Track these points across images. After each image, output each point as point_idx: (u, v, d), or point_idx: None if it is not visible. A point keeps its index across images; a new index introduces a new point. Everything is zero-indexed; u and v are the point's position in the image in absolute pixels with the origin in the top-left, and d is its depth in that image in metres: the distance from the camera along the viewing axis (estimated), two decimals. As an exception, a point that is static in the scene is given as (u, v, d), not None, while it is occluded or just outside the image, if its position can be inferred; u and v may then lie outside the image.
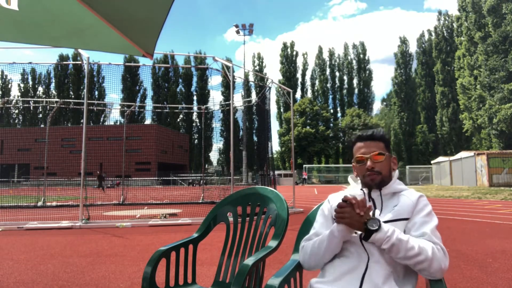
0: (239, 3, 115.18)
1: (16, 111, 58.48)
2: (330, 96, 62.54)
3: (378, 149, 1.50)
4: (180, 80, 62.20)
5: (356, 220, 1.32)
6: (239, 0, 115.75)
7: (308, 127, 53.84)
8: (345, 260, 1.41)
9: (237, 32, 44.94)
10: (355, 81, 62.53)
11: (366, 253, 1.38)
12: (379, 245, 1.31)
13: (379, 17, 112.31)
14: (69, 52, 53.41)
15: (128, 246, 5.48)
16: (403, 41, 58.70)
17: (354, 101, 61.40)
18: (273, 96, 62.63)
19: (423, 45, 56.56)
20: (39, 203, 12.75)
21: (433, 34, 54.53)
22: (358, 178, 1.56)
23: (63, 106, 15.04)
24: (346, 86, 62.50)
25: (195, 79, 61.65)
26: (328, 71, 62.93)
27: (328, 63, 63.24)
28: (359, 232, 1.39)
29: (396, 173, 1.56)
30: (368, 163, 1.48)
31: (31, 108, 52.94)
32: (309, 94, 62.42)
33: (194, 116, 56.16)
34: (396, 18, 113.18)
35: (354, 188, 1.56)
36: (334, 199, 1.60)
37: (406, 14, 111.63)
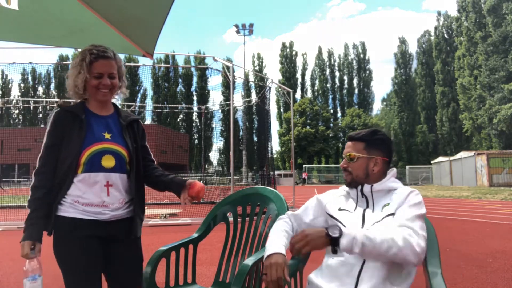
0: (238, 4, 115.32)
1: (16, 111, 58.48)
2: (330, 96, 62.51)
3: (353, 150, 1.56)
4: (180, 80, 62.16)
5: (317, 238, 1.26)
6: (237, 1, 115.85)
7: (308, 127, 53.83)
8: (341, 262, 1.43)
9: (237, 32, 44.93)
10: (355, 81, 62.53)
11: None
12: (351, 250, 1.25)
13: (378, 17, 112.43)
14: (69, 52, 53.38)
15: (128, 246, 5.47)
16: (402, 41, 58.75)
17: (354, 101, 61.37)
18: (273, 96, 62.59)
19: (423, 45, 56.58)
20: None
21: (432, 34, 54.57)
22: None
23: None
24: (346, 86, 62.49)
25: (195, 79, 61.55)
26: (328, 71, 62.93)
27: (327, 63, 63.26)
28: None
29: (392, 171, 1.57)
30: (342, 162, 1.59)
31: (31, 108, 52.96)
32: (309, 94, 62.42)
33: (194, 116, 56.07)
34: (395, 19, 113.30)
35: (340, 188, 1.64)
36: (333, 192, 1.66)
37: (404, 15, 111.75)
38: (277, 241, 1.44)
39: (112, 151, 1.58)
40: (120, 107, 1.78)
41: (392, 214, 1.41)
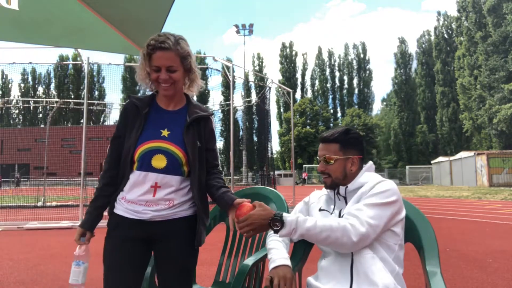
0: (237, 5, 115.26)
1: (16, 111, 58.47)
2: (330, 96, 62.55)
3: (328, 152, 1.53)
4: (180, 80, 62.21)
5: (260, 227, 1.34)
6: (237, 2, 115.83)
7: (308, 127, 53.84)
8: (331, 261, 1.45)
9: (237, 32, 44.91)
10: (355, 81, 62.57)
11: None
12: (290, 237, 1.36)
13: (377, 18, 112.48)
14: (69, 52, 53.36)
15: (128, 246, 5.47)
16: (402, 41, 58.79)
17: (354, 101, 61.42)
18: (273, 96, 62.61)
19: (423, 45, 56.60)
20: (39, 203, 12.74)
21: (432, 34, 54.60)
22: None
23: (63, 106, 15.05)
24: (346, 86, 62.53)
25: (195, 79, 61.56)
26: (328, 71, 62.96)
27: (327, 63, 63.28)
28: None
29: (365, 167, 1.55)
30: (319, 166, 1.55)
31: (31, 108, 52.95)
32: (309, 94, 62.45)
33: (194, 116, 56.04)
34: (394, 19, 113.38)
35: (323, 189, 1.63)
36: (316, 194, 1.67)
37: (404, 15, 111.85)
38: (281, 251, 1.46)
39: (165, 150, 1.47)
40: (194, 100, 1.64)
41: None
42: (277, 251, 1.46)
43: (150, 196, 1.46)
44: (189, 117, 1.53)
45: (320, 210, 1.57)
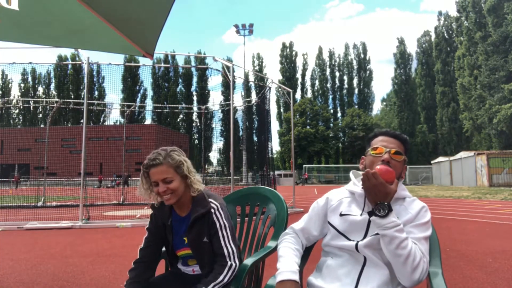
0: (237, 5, 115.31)
1: (16, 111, 58.47)
2: (330, 96, 62.64)
3: (399, 148, 1.47)
4: (180, 80, 62.21)
5: (374, 195, 1.29)
6: (236, 2, 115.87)
7: (308, 127, 53.90)
8: (340, 262, 1.39)
9: (237, 32, 44.92)
10: (355, 81, 62.63)
11: (363, 256, 1.35)
12: (377, 227, 1.29)
13: (376, 18, 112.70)
14: (69, 52, 53.34)
15: (128, 246, 5.48)
16: (401, 42, 58.83)
17: (354, 101, 61.47)
18: (273, 96, 62.71)
19: (423, 45, 56.62)
20: (39, 203, 12.74)
21: (432, 34, 54.64)
22: (361, 173, 1.49)
23: (63, 106, 15.05)
24: (346, 86, 62.57)
25: (195, 79, 61.61)
26: (328, 71, 62.99)
27: (328, 63, 63.31)
28: (355, 241, 1.37)
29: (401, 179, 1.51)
30: (385, 156, 1.42)
31: (31, 108, 52.95)
32: (309, 94, 62.50)
33: (194, 116, 56.08)
34: (393, 20, 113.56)
35: (355, 185, 1.50)
36: (334, 195, 1.56)
37: (403, 15, 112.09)
38: (290, 263, 1.38)
39: (191, 255, 1.72)
40: (200, 196, 1.74)
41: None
42: (287, 261, 1.38)
43: (190, 273, 1.77)
44: (191, 218, 1.67)
45: (341, 215, 1.45)
